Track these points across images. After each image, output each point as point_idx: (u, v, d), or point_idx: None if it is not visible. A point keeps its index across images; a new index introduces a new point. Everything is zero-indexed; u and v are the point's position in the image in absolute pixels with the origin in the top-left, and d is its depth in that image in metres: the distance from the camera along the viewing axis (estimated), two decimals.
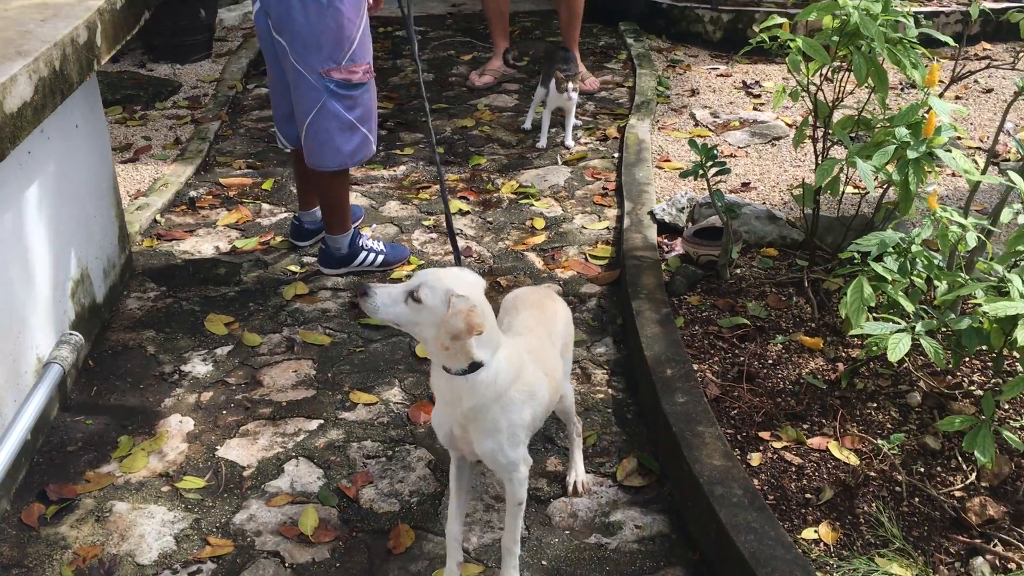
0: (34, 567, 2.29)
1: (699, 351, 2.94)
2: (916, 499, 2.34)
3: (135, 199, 4.05)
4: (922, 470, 2.43)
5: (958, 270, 2.69)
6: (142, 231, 3.82)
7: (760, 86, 5.37)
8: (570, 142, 4.65)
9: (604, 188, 4.21)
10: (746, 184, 4.17)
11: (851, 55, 2.86)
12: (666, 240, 3.68)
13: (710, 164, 3.14)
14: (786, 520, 2.29)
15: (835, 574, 2.13)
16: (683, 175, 3.23)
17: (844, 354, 2.90)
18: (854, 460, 2.47)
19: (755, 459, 2.49)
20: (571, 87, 4.47)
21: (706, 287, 3.29)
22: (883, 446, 2.47)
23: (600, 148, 4.64)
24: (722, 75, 5.57)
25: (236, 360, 3.07)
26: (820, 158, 3.18)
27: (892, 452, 2.46)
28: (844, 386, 2.74)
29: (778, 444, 2.54)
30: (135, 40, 3.11)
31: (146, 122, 4.98)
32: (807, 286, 3.16)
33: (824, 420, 2.62)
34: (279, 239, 3.81)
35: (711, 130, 4.79)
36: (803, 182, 3.36)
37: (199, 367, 3.04)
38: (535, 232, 3.86)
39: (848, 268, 2.66)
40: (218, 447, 2.68)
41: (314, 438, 2.72)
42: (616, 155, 4.51)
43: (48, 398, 2.52)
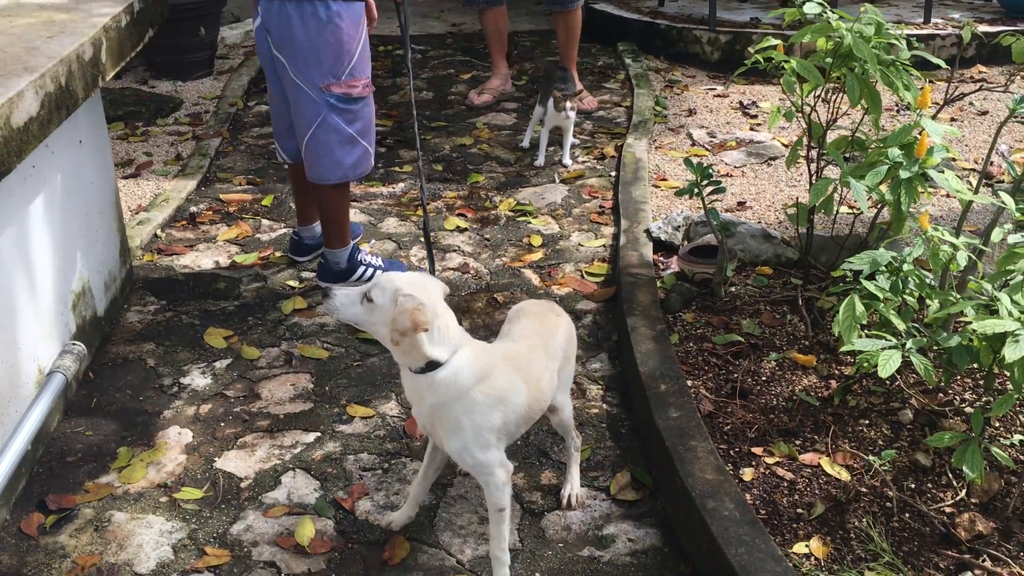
0: None
1: (693, 367, 2.97)
2: (907, 515, 2.36)
3: (136, 214, 4.09)
4: (913, 486, 2.45)
5: (950, 289, 2.72)
6: (143, 245, 3.85)
7: (757, 106, 5.42)
8: (568, 160, 4.70)
9: (601, 206, 4.26)
10: (742, 203, 4.21)
11: (844, 76, 2.90)
12: (662, 258, 3.71)
13: (705, 183, 3.18)
14: (777, 534, 2.32)
15: None
16: (678, 193, 3.27)
17: (837, 372, 2.93)
18: (846, 476, 2.49)
19: (748, 474, 2.52)
20: (569, 106, 4.52)
21: (701, 304, 3.32)
22: (874, 462, 2.50)
23: (597, 167, 4.68)
24: (719, 95, 5.63)
25: (235, 373, 3.10)
26: (814, 178, 3.22)
27: (883, 468, 2.49)
28: (837, 403, 2.76)
29: (770, 460, 2.57)
30: (138, 57, 3.17)
31: (148, 138, 5.03)
32: (801, 304, 3.19)
33: (816, 436, 2.65)
34: (278, 254, 3.85)
35: (708, 150, 4.84)
36: (797, 201, 3.40)
37: (198, 380, 3.06)
38: (532, 249, 3.90)
39: (841, 286, 2.69)
40: (216, 459, 2.71)
41: (311, 450, 2.75)
42: (613, 174, 4.56)
43: (51, 407, 2.55)
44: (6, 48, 2.53)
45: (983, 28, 6.10)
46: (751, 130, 5.07)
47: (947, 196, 4.23)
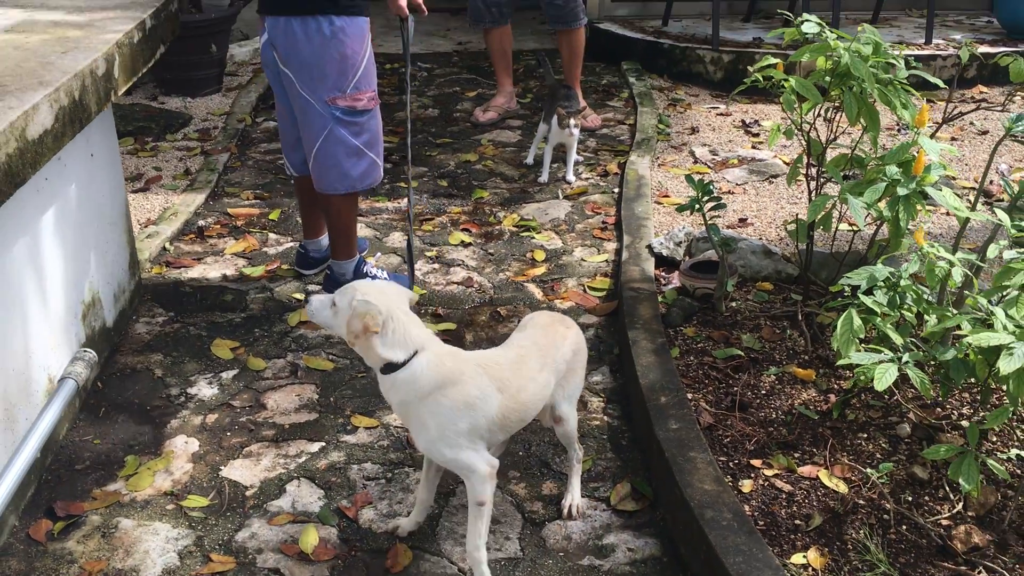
0: None
1: (693, 381, 3.01)
2: (903, 527, 2.39)
3: (145, 227, 4.14)
4: (910, 499, 2.48)
5: (948, 305, 2.75)
6: (152, 258, 3.90)
7: (759, 125, 5.47)
8: (571, 177, 4.75)
9: (604, 222, 4.30)
10: (743, 220, 4.25)
11: (843, 95, 2.95)
12: (663, 273, 3.75)
13: (706, 199, 3.23)
14: (776, 545, 2.34)
15: None
16: (680, 209, 3.31)
17: (836, 386, 2.96)
18: (844, 488, 2.52)
19: (746, 486, 2.55)
20: (573, 123, 4.57)
21: (702, 319, 3.36)
22: (872, 475, 2.52)
23: (601, 183, 4.73)
24: (722, 114, 5.69)
25: (241, 384, 3.14)
26: (814, 195, 3.26)
27: (881, 481, 2.51)
28: (835, 417, 2.79)
29: (769, 472, 2.60)
30: (148, 74, 3.22)
31: (157, 153, 5.09)
32: (801, 319, 3.22)
33: (815, 449, 2.68)
34: (285, 268, 3.89)
35: (710, 167, 4.89)
36: (797, 218, 3.44)
37: (205, 390, 3.10)
38: (535, 264, 3.94)
39: (839, 301, 2.73)
40: (222, 467, 2.75)
41: (316, 460, 2.78)
42: (616, 190, 4.60)
43: (62, 412, 2.59)
44: (22, 63, 2.58)
45: (984, 49, 6.16)
46: (753, 148, 5.12)
47: (947, 214, 4.27)
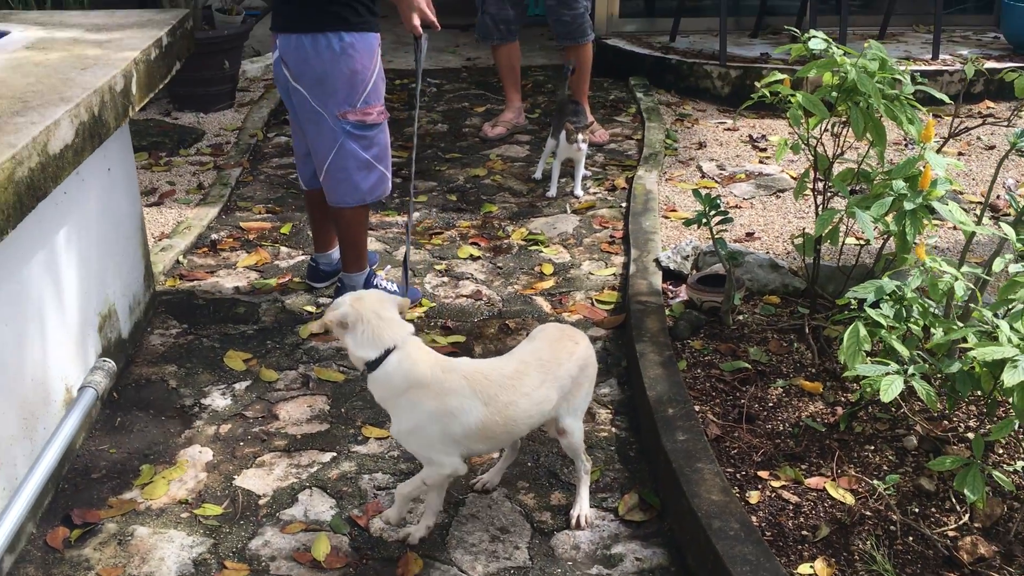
0: None
1: (701, 393, 3.03)
2: (910, 538, 2.41)
3: (159, 241, 4.19)
4: (916, 510, 2.50)
5: (954, 318, 2.78)
6: (166, 271, 3.95)
7: (766, 140, 5.51)
8: (579, 191, 4.79)
9: (611, 236, 4.34)
10: (750, 234, 4.28)
11: (850, 110, 2.98)
12: (671, 287, 3.78)
13: (713, 213, 3.26)
14: (783, 555, 2.36)
15: None
16: (687, 223, 3.34)
17: (843, 398, 2.98)
18: (850, 500, 2.54)
19: (754, 497, 2.57)
20: (581, 138, 4.62)
21: (709, 332, 3.39)
22: (879, 486, 2.55)
23: (608, 198, 4.77)
24: (729, 129, 5.72)
25: (253, 395, 3.18)
26: (820, 209, 3.29)
27: (887, 492, 2.53)
28: (842, 429, 2.82)
29: (776, 483, 2.62)
30: (162, 89, 3.27)
31: (171, 168, 5.15)
32: (808, 333, 3.25)
33: (822, 461, 2.70)
34: (296, 280, 3.94)
35: (717, 182, 4.92)
36: (804, 232, 3.47)
37: (218, 401, 3.14)
38: (544, 277, 3.98)
39: (846, 314, 2.75)
40: (235, 477, 2.78)
41: (327, 469, 2.82)
42: (624, 204, 4.64)
43: (82, 420, 2.63)
44: (43, 79, 2.64)
45: (991, 64, 6.18)
46: (760, 163, 5.16)
47: (953, 228, 4.30)
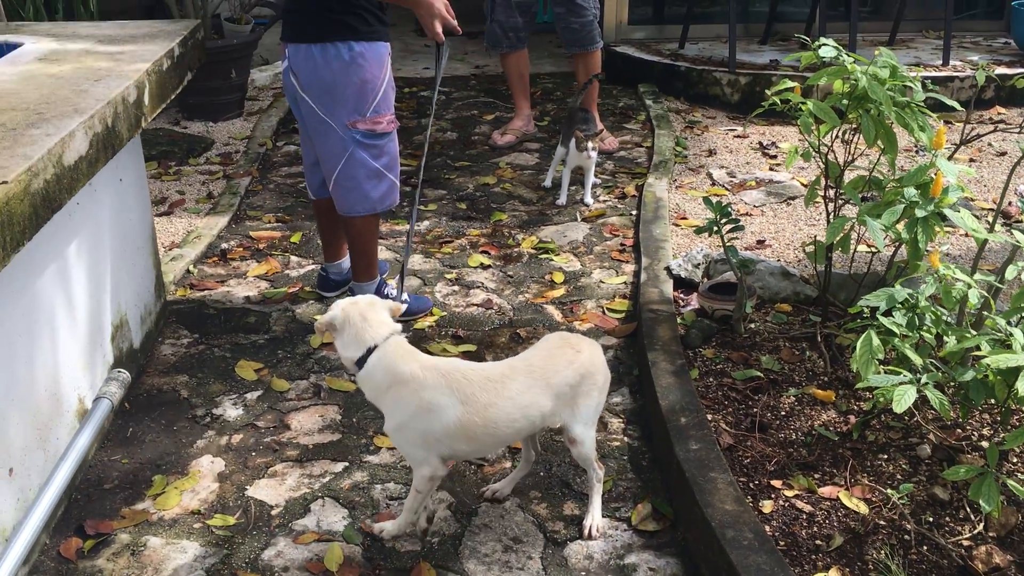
0: None
1: (713, 402, 3.03)
2: (924, 547, 2.39)
3: (170, 250, 4.21)
4: (931, 520, 2.48)
5: (967, 326, 2.77)
6: (176, 281, 3.96)
7: (776, 147, 5.50)
8: (589, 199, 4.79)
9: (622, 244, 4.34)
10: (761, 242, 4.27)
11: (861, 118, 2.98)
12: (682, 295, 3.78)
13: (724, 221, 3.25)
14: (796, 565, 2.35)
15: None
16: (698, 231, 3.34)
17: (856, 407, 2.97)
18: (864, 509, 2.53)
19: (767, 506, 2.56)
20: (590, 146, 4.62)
21: (721, 341, 3.38)
22: (893, 496, 2.53)
23: (618, 206, 4.77)
24: (739, 136, 5.72)
25: (265, 404, 3.18)
26: (831, 217, 3.28)
27: (901, 502, 2.52)
28: (855, 438, 2.81)
29: (790, 492, 2.61)
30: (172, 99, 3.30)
31: (180, 177, 5.16)
32: (820, 341, 3.24)
33: (835, 470, 2.69)
34: (307, 290, 3.94)
35: (727, 189, 4.91)
36: (815, 239, 3.46)
37: (230, 411, 3.15)
38: (554, 286, 3.98)
39: (859, 323, 2.75)
40: (248, 487, 2.78)
41: (339, 479, 2.82)
42: (634, 212, 4.64)
43: (98, 430, 2.64)
44: (56, 91, 2.65)
45: (1001, 70, 6.18)
46: (771, 170, 5.15)
47: (966, 235, 4.28)
